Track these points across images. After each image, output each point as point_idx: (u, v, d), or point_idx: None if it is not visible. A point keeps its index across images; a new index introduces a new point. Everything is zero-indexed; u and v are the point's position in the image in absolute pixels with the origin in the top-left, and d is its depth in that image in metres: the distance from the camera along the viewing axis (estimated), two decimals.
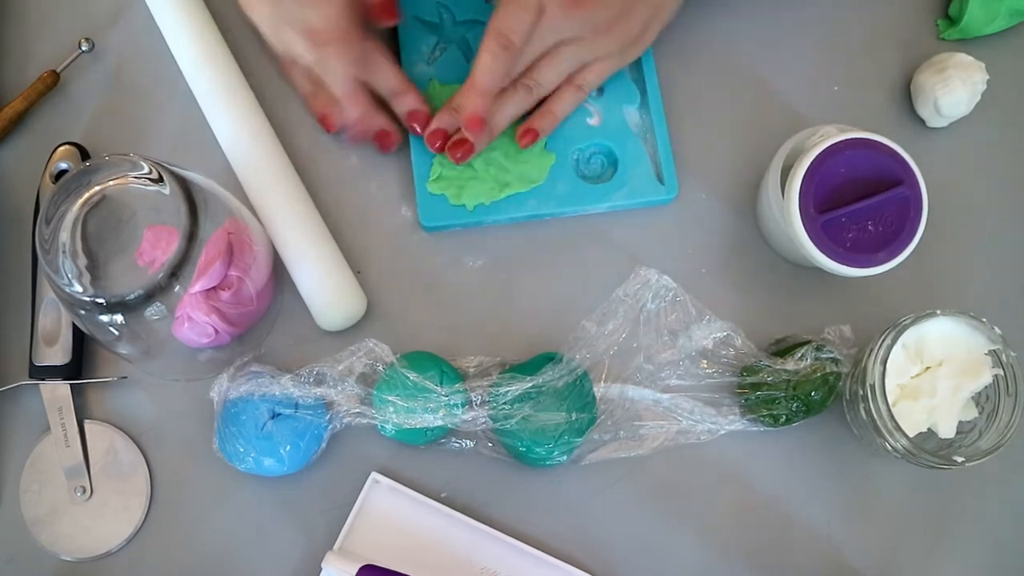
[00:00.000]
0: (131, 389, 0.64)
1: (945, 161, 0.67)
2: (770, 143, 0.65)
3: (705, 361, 0.63)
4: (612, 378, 0.62)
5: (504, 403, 0.59)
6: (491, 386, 0.60)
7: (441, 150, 0.64)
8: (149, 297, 0.52)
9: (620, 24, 0.63)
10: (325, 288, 0.63)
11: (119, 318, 0.53)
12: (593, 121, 0.67)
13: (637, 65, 0.68)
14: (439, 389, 0.59)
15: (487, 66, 0.60)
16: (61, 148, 0.65)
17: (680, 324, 0.61)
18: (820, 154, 0.58)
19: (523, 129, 0.65)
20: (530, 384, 0.59)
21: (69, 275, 0.52)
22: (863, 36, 0.70)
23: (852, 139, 0.59)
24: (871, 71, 0.69)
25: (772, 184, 0.62)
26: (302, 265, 0.63)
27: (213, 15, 0.67)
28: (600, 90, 0.67)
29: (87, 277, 0.53)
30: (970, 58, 0.66)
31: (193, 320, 0.56)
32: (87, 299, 0.52)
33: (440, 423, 0.59)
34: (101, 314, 0.53)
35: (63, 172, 0.64)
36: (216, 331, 0.58)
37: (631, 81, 0.68)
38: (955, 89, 0.65)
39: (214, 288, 0.56)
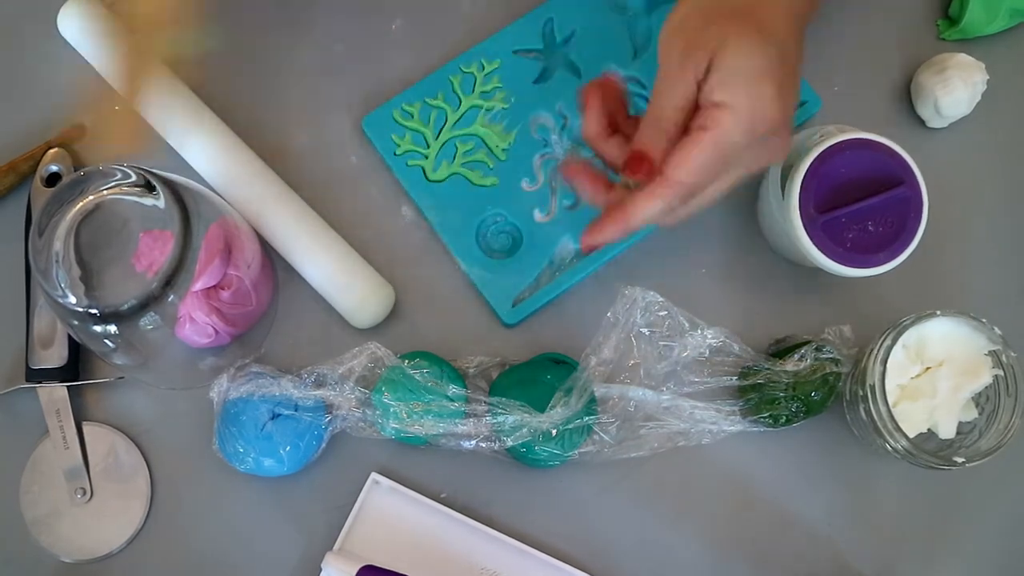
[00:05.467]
0: (130, 390, 0.64)
1: (945, 161, 0.67)
2: None
3: (704, 369, 0.62)
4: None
5: (505, 428, 0.59)
6: (492, 405, 0.60)
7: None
8: (143, 306, 0.51)
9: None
10: (352, 289, 0.62)
11: (113, 328, 0.53)
12: None
13: None
14: (447, 389, 0.59)
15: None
16: (52, 151, 0.65)
17: (673, 336, 0.61)
18: (820, 154, 0.58)
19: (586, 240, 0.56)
20: (536, 421, 0.59)
21: (62, 285, 0.51)
22: (863, 36, 0.69)
23: (852, 139, 0.59)
24: (871, 71, 0.69)
25: (772, 184, 0.62)
26: (320, 273, 0.63)
27: None
28: None
29: (80, 287, 0.52)
30: (970, 58, 0.66)
31: (194, 320, 0.56)
32: (81, 309, 0.51)
33: (439, 431, 0.60)
34: (95, 324, 0.52)
35: (54, 175, 0.64)
36: (216, 331, 0.58)
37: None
38: (955, 89, 0.65)
39: (214, 287, 0.56)
